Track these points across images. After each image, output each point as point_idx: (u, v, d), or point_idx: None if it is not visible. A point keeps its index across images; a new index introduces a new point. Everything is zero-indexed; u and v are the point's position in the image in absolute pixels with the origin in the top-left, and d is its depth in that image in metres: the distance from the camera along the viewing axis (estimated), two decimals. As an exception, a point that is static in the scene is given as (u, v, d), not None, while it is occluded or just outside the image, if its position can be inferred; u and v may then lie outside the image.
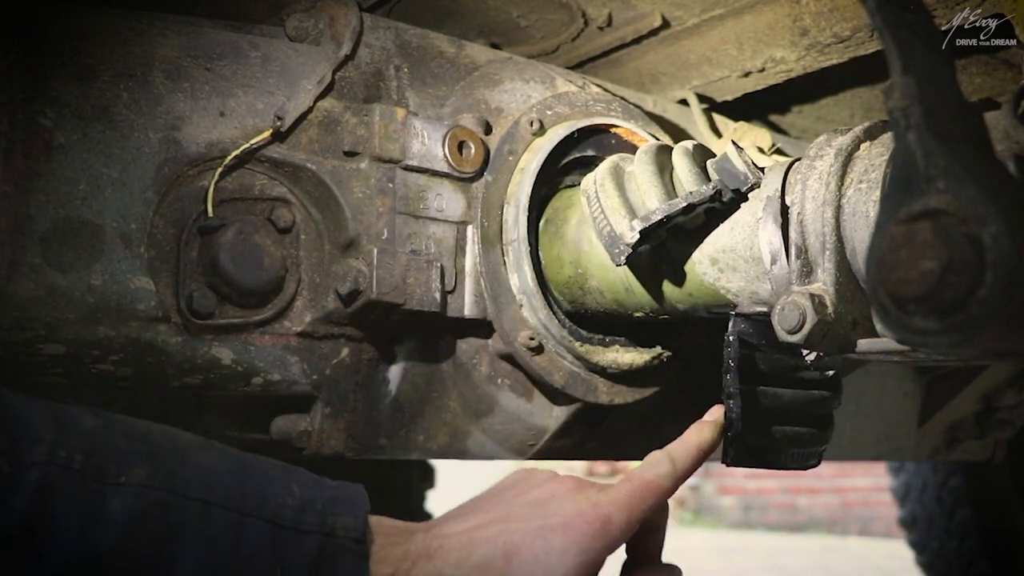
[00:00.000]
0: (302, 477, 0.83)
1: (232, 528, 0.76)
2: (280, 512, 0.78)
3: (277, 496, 0.79)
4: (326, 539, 0.78)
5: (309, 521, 0.78)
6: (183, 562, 0.74)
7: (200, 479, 0.77)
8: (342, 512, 0.80)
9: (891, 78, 0.67)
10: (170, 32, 1.00)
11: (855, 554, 6.78)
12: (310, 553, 0.78)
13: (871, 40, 1.18)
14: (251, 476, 0.79)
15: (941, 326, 0.60)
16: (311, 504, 0.79)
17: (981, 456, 2.07)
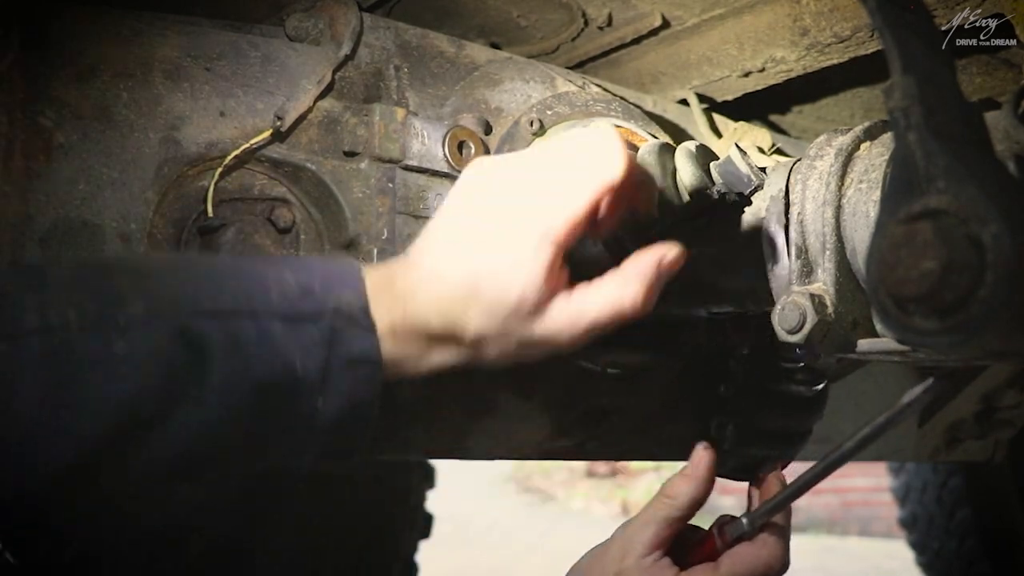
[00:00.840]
0: (291, 263, 0.83)
1: (244, 330, 0.76)
2: (282, 304, 0.78)
3: (275, 290, 0.79)
4: (333, 319, 0.79)
5: (313, 306, 0.79)
6: (212, 377, 0.74)
7: (198, 294, 0.76)
8: (341, 289, 0.81)
9: (891, 78, 0.67)
10: (170, 32, 1.00)
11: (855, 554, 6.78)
12: (322, 336, 0.79)
13: (871, 40, 1.18)
14: (244, 277, 0.79)
15: (941, 326, 0.60)
16: (309, 289, 0.80)
17: (981, 456, 2.07)
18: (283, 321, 0.78)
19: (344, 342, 0.80)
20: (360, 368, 0.81)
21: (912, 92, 0.66)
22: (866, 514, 8.17)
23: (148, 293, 0.74)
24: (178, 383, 0.73)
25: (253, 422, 0.78)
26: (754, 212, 0.99)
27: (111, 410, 0.71)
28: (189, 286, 0.76)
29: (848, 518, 8.26)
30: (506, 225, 0.83)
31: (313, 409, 0.80)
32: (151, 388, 0.72)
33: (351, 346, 0.80)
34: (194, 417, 0.74)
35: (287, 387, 0.78)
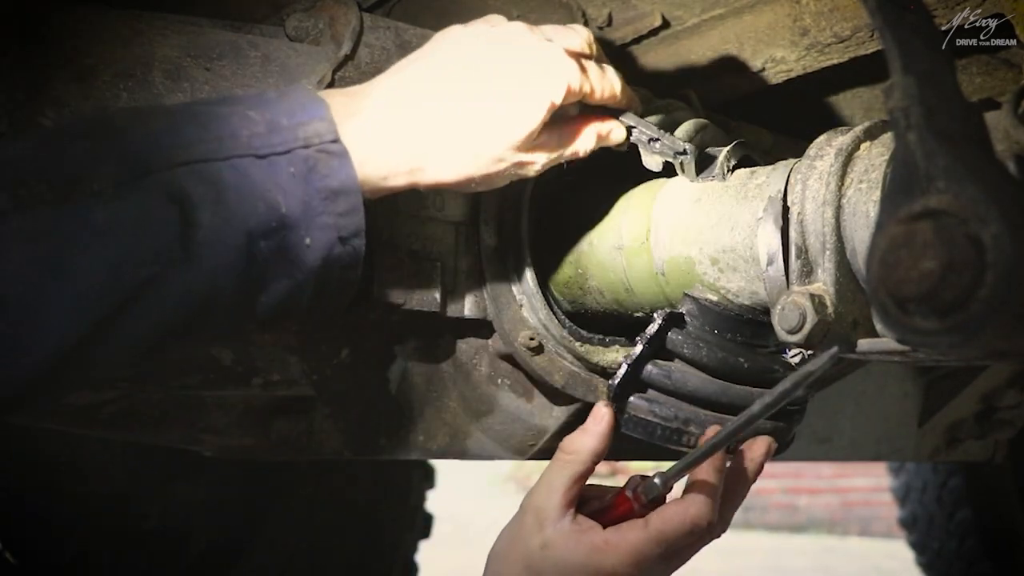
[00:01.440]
0: (251, 101, 0.81)
1: (221, 176, 0.75)
2: (253, 143, 0.77)
3: (243, 129, 0.78)
4: (305, 151, 0.79)
5: (282, 140, 0.78)
6: (199, 230, 0.73)
7: (170, 146, 0.74)
8: (308, 120, 0.80)
9: (891, 78, 0.67)
10: (170, 32, 1.00)
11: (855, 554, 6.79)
12: (297, 170, 0.78)
13: (871, 40, 1.18)
14: (208, 122, 0.78)
15: (941, 326, 0.60)
16: (276, 124, 0.79)
17: (981, 456, 2.07)
18: (257, 159, 0.77)
19: (320, 174, 0.79)
20: (340, 200, 0.80)
21: (912, 92, 0.66)
22: (866, 514, 8.17)
23: (119, 154, 0.72)
24: (165, 243, 0.72)
25: (245, 270, 0.77)
26: (752, 211, 0.99)
27: (100, 283, 0.69)
28: (159, 139, 0.74)
29: (848, 518, 8.26)
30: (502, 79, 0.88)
31: (302, 246, 0.79)
32: (138, 254, 0.71)
33: (328, 179, 0.79)
34: (186, 275, 0.73)
35: (273, 228, 0.77)
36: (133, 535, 1.87)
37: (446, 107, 0.87)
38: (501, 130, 0.88)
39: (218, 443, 1.11)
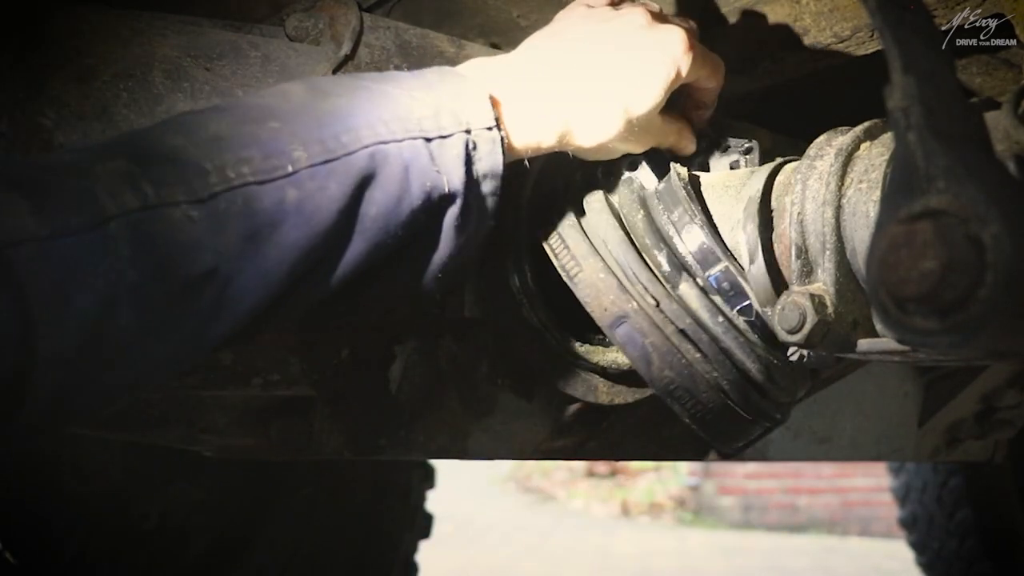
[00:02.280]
0: (414, 81, 0.88)
1: (397, 157, 0.82)
2: (423, 125, 0.84)
3: (415, 111, 0.84)
4: (467, 135, 0.85)
5: (449, 123, 0.85)
6: (374, 206, 0.80)
7: (347, 131, 0.80)
8: (470, 104, 0.87)
9: (891, 78, 0.67)
10: (170, 32, 1.00)
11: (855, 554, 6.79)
12: (459, 153, 0.85)
13: (871, 40, 1.18)
14: (383, 103, 0.84)
15: (941, 326, 0.60)
16: (442, 106, 0.85)
17: (981, 456, 2.07)
18: (427, 142, 0.83)
19: (478, 157, 0.86)
20: (489, 181, 0.88)
21: (912, 92, 0.66)
22: (866, 514, 8.18)
23: (304, 138, 0.78)
24: (345, 221, 0.79)
25: (406, 243, 0.85)
26: (734, 213, 0.99)
27: (288, 259, 0.76)
28: (337, 122, 0.80)
29: (848, 518, 8.27)
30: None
31: (454, 221, 0.87)
32: (324, 231, 0.77)
33: (483, 162, 0.86)
34: (357, 249, 0.81)
35: (435, 204, 0.85)
36: (133, 535, 1.87)
37: (583, 79, 0.94)
38: (632, 98, 0.95)
39: (218, 443, 1.11)
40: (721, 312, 0.96)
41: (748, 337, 0.97)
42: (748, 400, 0.96)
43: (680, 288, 0.96)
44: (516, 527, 7.48)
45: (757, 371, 0.96)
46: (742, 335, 0.96)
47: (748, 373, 0.96)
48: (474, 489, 9.15)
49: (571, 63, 0.94)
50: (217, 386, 1.04)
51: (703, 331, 0.95)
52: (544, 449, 1.24)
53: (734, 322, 0.96)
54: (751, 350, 0.96)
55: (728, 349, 0.95)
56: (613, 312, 0.96)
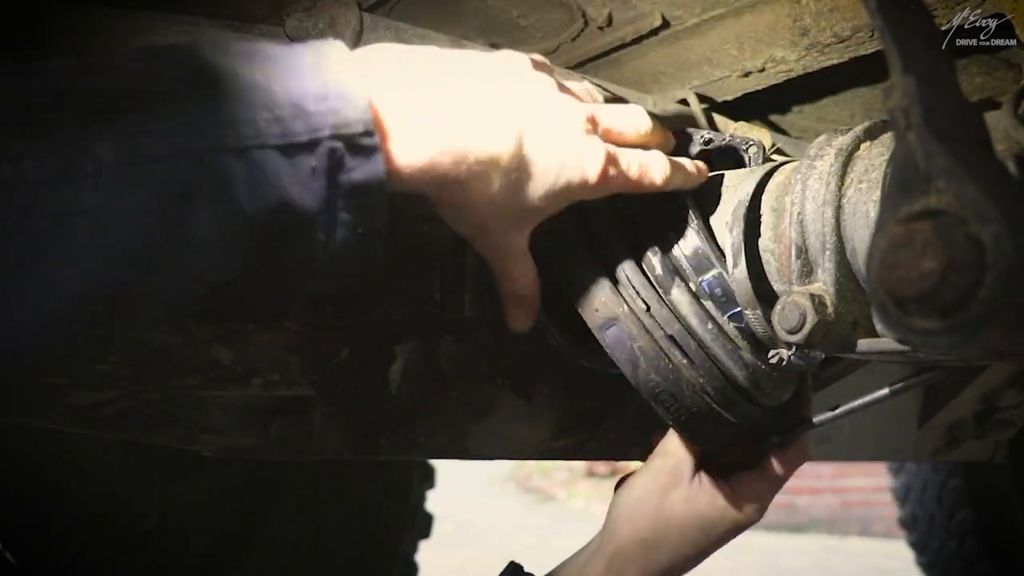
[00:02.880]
0: (274, 70, 0.70)
1: (235, 169, 0.67)
2: (274, 129, 0.68)
3: (263, 112, 0.68)
4: (332, 143, 0.69)
5: (305, 129, 0.69)
6: (199, 225, 0.66)
7: (172, 132, 0.65)
8: (339, 107, 0.70)
9: (891, 78, 0.67)
10: (170, 32, 1.00)
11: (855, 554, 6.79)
12: (318, 165, 0.69)
13: (871, 40, 1.18)
14: (226, 103, 0.67)
15: (941, 326, 0.60)
16: (302, 108, 0.69)
17: (981, 456, 2.07)
18: (275, 151, 0.68)
19: (345, 168, 0.70)
20: (365, 195, 0.72)
21: (912, 92, 0.66)
22: (866, 514, 8.17)
23: (119, 133, 0.64)
24: (163, 236, 0.65)
25: (251, 266, 0.71)
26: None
27: (84, 271, 0.62)
28: (167, 121, 0.66)
29: (848, 518, 8.26)
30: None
31: (315, 244, 0.72)
32: (132, 245, 0.64)
33: (353, 173, 0.70)
34: (182, 271, 0.67)
35: (285, 223, 0.69)
36: (133, 535, 1.87)
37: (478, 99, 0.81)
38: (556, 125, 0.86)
39: (218, 443, 1.11)
40: (711, 319, 0.96)
41: (737, 343, 0.97)
42: (732, 404, 0.97)
43: (672, 293, 0.96)
44: (516, 527, 7.48)
45: (744, 377, 0.96)
46: (731, 341, 0.96)
47: (735, 379, 0.96)
48: (474, 489, 9.15)
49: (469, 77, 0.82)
50: (217, 386, 1.04)
51: (691, 337, 0.95)
52: (544, 449, 1.24)
53: (724, 328, 0.97)
54: (738, 356, 0.96)
55: (716, 356, 0.96)
56: (604, 314, 0.96)
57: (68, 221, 0.61)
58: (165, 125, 0.65)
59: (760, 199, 0.98)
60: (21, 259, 0.60)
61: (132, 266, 0.65)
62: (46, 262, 0.61)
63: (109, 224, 0.63)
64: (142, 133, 0.64)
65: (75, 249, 0.62)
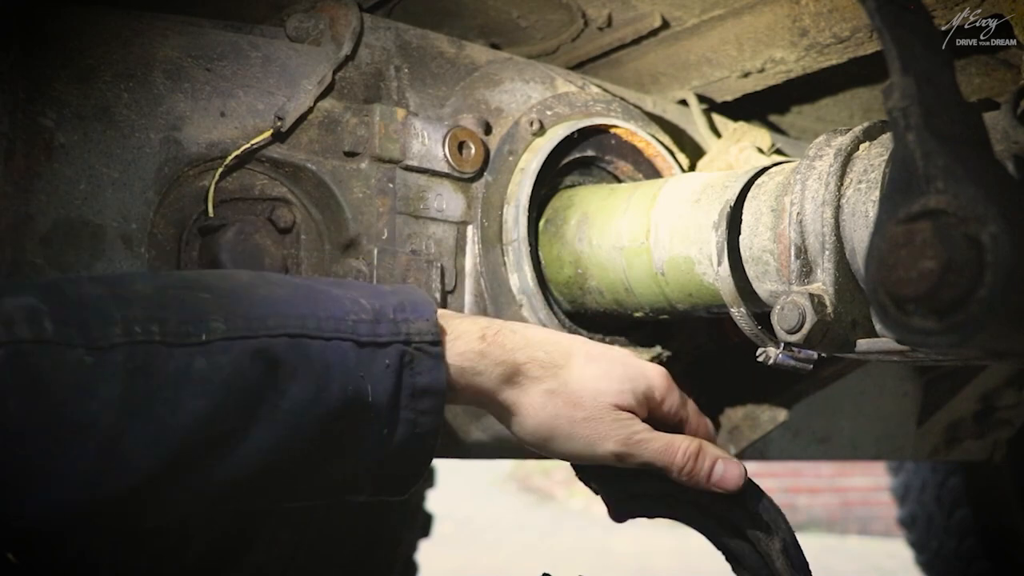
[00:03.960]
0: (365, 289, 0.85)
1: (320, 353, 0.78)
2: (358, 329, 0.80)
3: (351, 314, 0.81)
4: (404, 347, 0.82)
5: (386, 332, 0.81)
6: (285, 400, 0.76)
7: (275, 316, 0.77)
8: (414, 318, 0.83)
9: (891, 78, 0.68)
10: (171, 32, 1.00)
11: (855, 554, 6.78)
12: (392, 363, 0.81)
13: (871, 40, 1.18)
14: (321, 300, 0.81)
15: (940, 326, 0.60)
16: (383, 315, 0.82)
17: (980, 456, 2.07)
18: (357, 346, 0.80)
19: (413, 371, 0.82)
20: (426, 399, 0.83)
21: (911, 92, 0.66)
22: (865, 513, 8.17)
23: (229, 312, 0.75)
24: (253, 403, 0.75)
25: (319, 447, 0.79)
26: (751, 211, 1.00)
27: (186, 426, 0.72)
28: (268, 307, 0.78)
29: (847, 517, 8.26)
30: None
31: (379, 436, 0.81)
32: (227, 406, 0.74)
33: (419, 376, 0.82)
34: (264, 438, 0.76)
35: (356, 413, 0.80)
36: (133, 535, 1.87)
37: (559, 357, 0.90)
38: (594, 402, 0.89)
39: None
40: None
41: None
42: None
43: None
44: (516, 527, 7.48)
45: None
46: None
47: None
48: (474, 489, 9.15)
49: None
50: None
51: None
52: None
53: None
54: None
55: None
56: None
57: (180, 379, 0.71)
58: (265, 311, 0.77)
59: (744, 201, 0.99)
60: (145, 400, 0.70)
61: (228, 421, 0.74)
62: (161, 407, 0.71)
63: (214, 385, 0.73)
64: (248, 317, 0.76)
65: (180, 402, 0.71)
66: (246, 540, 1.98)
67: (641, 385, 0.91)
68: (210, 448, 0.74)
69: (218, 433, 0.74)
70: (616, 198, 1.15)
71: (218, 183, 1.01)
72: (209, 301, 0.76)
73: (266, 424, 0.75)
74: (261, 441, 0.76)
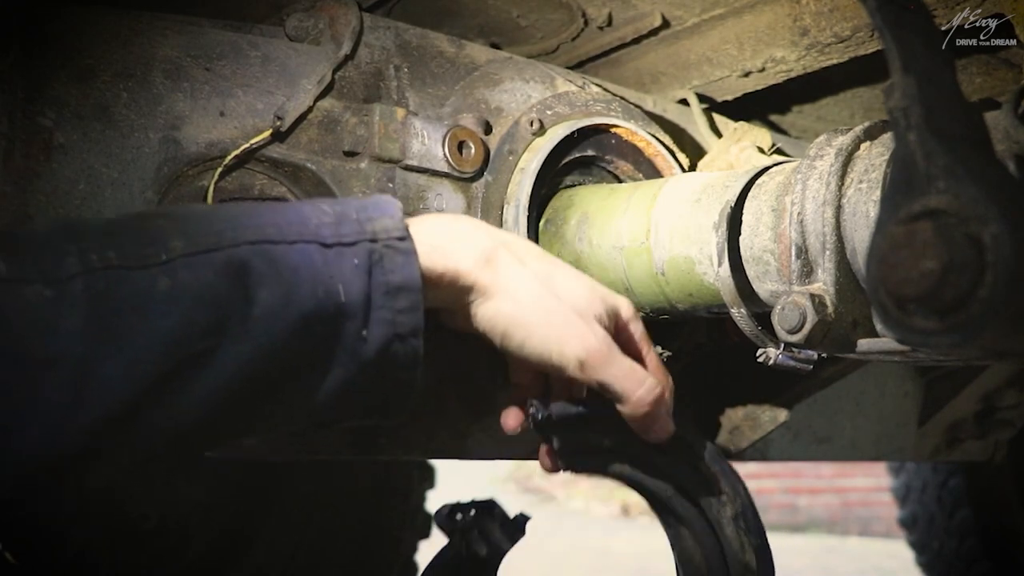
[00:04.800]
0: (326, 200, 0.84)
1: (284, 257, 0.76)
2: (321, 231, 0.79)
3: (313, 218, 0.80)
4: (372, 244, 0.80)
5: (350, 232, 0.80)
6: (256, 308, 0.74)
7: (235, 228, 0.76)
8: (377, 215, 0.82)
9: (891, 78, 0.67)
10: (170, 32, 1.00)
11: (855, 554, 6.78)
12: (361, 262, 0.79)
13: (871, 40, 1.18)
14: (280, 210, 0.80)
15: (941, 326, 0.60)
16: (346, 216, 0.81)
17: (981, 456, 2.07)
18: (322, 247, 0.78)
19: (384, 269, 0.80)
20: (401, 296, 0.81)
21: (912, 92, 0.66)
22: (866, 514, 8.18)
23: (187, 231, 0.74)
24: (223, 316, 0.73)
25: (299, 352, 0.77)
26: (752, 212, 1.00)
27: (158, 348, 0.70)
28: (226, 222, 0.77)
29: (848, 518, 8.26)
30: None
31: (359, 338, 0.79)
32: (197, 323, 0.72)
33: (391, 273, 0.80)
34: (239, 351, 0.74)
35: (331, 315, 0.78)
36: (133, 535, 1.87)
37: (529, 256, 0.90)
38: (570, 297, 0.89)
39: (218, 443, 1.11)
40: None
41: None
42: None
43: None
44: (516, 527, 7.46)
45: None
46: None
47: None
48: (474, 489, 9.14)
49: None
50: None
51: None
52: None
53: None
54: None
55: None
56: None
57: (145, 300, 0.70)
58: (224, 226, 0.76)
59: (745, 200, 0.99)
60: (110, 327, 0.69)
61: (201, 337, 0.72)
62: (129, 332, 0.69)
63: (181, 303, 0.71)
64: (207, 233, 0.75)
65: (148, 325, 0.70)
66: (246, 540, 1.98)
67: (611, 302, 0.91)
68: (186, 366, 0.72)
69: (192, 350, 0.72)
70: (616, 198, 1.15)
71: (217, 183, 1.01)
72: (165, 225, 0.74)
73: (239, 335, 0.73)
74: (237, 353, 0.74)
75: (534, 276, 0.87)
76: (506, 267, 0.87)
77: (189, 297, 0.72)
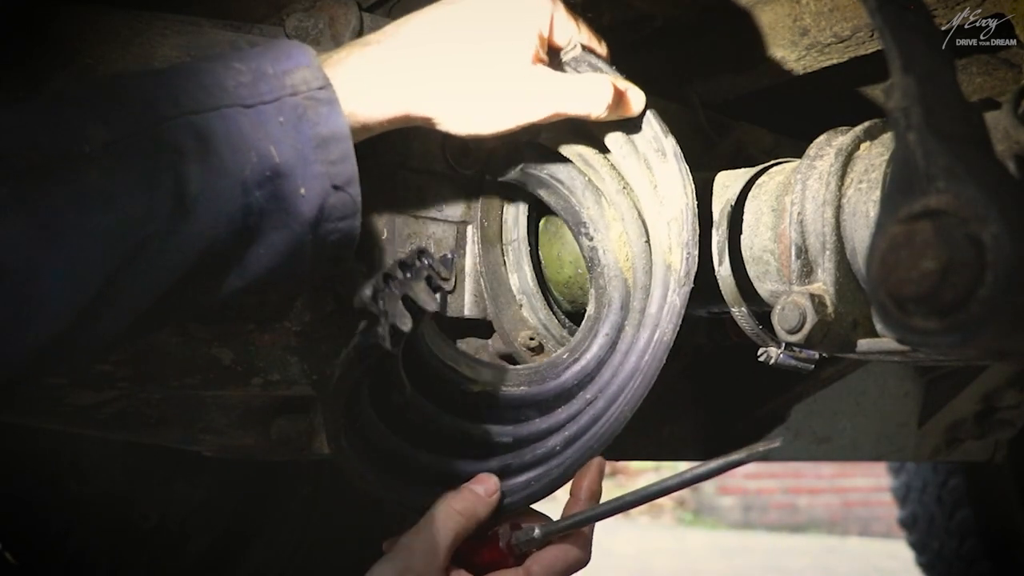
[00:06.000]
0: (236, 54, 0.81)
1: (209, 128, 0.74)
2: (239, 92, 0.77)
3: (228, 79, 0.77)
4: (293, 98, 0.78)
5: (269, 88, 0.78)
6: (193, 184, 0.72)
7: (159, 102, 0.73)
8: (293, 67, 0.79)
9: (892, 78, 0.67)
10: (170, 32, 1.00)
11: (855, 554, 6.79)
12: (286, 119, 0.77)
13: (871, 40, 1.18)
14: (196, 74, 0.77)
15: (941, 326, 0.60)
16: (262, 73, 0.78)
17: (982, 456, 2.07)
18: (244, 108, 0.76)
19: (310, 122, 0.78)
20: (331, 147, 0.80)
21: (912, 92, 0.66)
22: (866, 514, 8.18)
23: (109, 115, 0.71)
24: (160, 200, 0.71)
25: (242, 220, 0.76)
26: (752, 211, 1.00)
27: (104, 245, 0.68)
28: (148, 95, 0.74)
29: (848, 518, 8.27)
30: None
31: (297, 196, 0.78)
32: (136, 212, 0.70)
33: (318, 126, 0.79)
34: (183, 229, 0.72)
35: (267, 177, 0.76)
36: (133, 535, 1.87)
37: (439, 45, 0.88)
38: (497, 61, 0.88)
39: (218, 443, 1.11)
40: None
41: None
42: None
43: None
44: (516, 527, 7.46)
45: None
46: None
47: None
48: (474, 489, 9.12)
49: (423, 35, 0.88)
50: (217, 386, 1.04)
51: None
52: (544, 449, 1.23)
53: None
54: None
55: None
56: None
57: (77, 198, 0.67)
58: (141, 107, 0.72)
59: (745, 200, 0.99)
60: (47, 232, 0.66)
61: (142, 225, 0.70)
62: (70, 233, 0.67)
63: (114, 195, 0.69)
64: (130, 110, 0.72)
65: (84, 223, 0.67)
66: (246, 540, 1.98)
67: (532, 25, 0.91)
68: (135, 257, 0.70)
69: (134, 241, 0.69)
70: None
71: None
72: (82, 112, 0.71)
73: (182, 217, 0.72)
74: (184, 236, 0.72)
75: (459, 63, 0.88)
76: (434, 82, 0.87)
77: (120, 188, 0.69)
